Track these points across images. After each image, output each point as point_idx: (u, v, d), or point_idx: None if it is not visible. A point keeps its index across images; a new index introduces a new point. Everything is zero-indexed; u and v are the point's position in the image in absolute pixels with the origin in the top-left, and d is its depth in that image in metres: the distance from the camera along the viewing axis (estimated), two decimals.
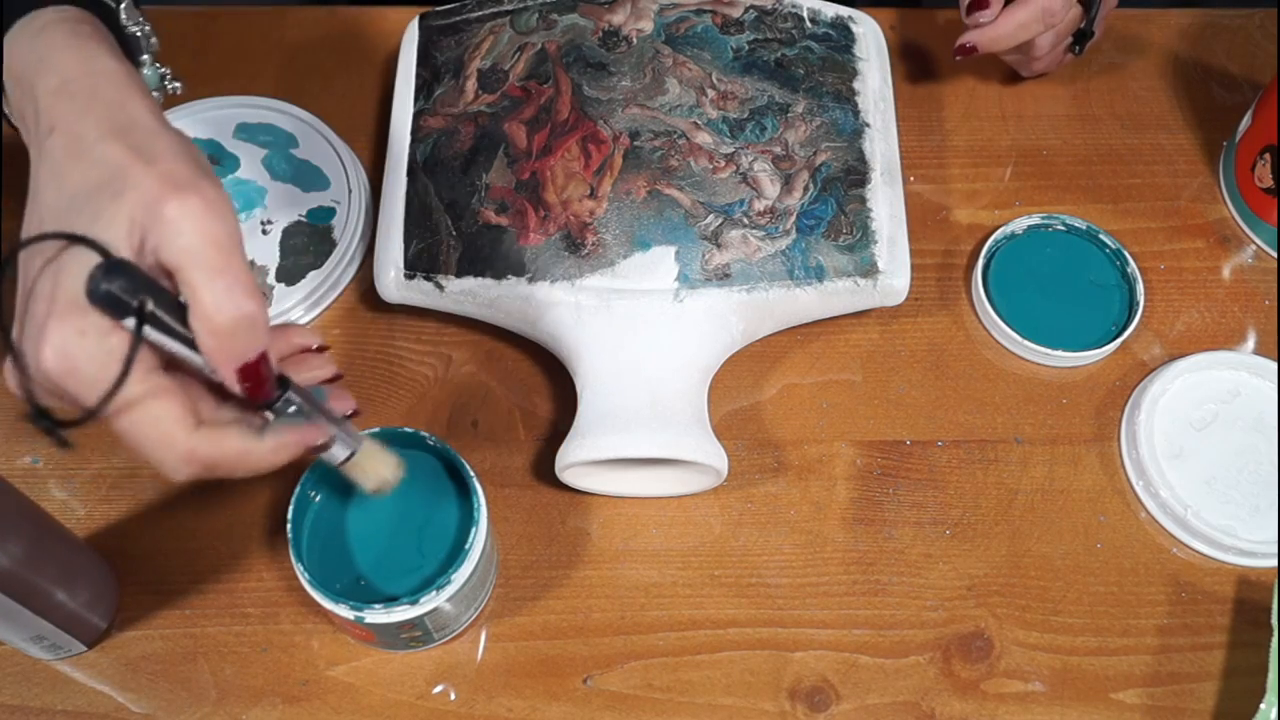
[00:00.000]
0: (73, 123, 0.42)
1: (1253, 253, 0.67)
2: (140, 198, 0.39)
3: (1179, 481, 0.59)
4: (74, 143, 0.42)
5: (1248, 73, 0.74)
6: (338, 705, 0.54)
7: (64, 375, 0.38)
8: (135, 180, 0.40)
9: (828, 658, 0.56)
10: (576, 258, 0.58)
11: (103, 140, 0.41)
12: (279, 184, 0.67)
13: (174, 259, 0.39)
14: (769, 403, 0.62)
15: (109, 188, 0.40)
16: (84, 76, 0.43)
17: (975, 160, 0.70)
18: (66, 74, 0.43)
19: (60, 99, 0.43)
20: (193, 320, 0.40)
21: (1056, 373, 0.63)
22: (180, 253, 0.39)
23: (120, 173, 0.40)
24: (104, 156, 0.41)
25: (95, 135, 0.42)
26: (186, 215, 0.39)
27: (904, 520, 0.59)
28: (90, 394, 0.38)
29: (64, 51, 0.44)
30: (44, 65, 0.44)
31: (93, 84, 0.43)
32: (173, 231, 0.39)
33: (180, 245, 0.39)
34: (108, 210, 0.40)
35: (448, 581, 0.50)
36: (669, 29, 0.64)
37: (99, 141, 0.41)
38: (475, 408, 0.62)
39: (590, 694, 0.55)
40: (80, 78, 0.43)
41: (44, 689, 0.55)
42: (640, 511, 0.59)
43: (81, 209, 0.40)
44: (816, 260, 0.59)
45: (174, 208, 0.39)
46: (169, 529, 0.58)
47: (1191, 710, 0.55)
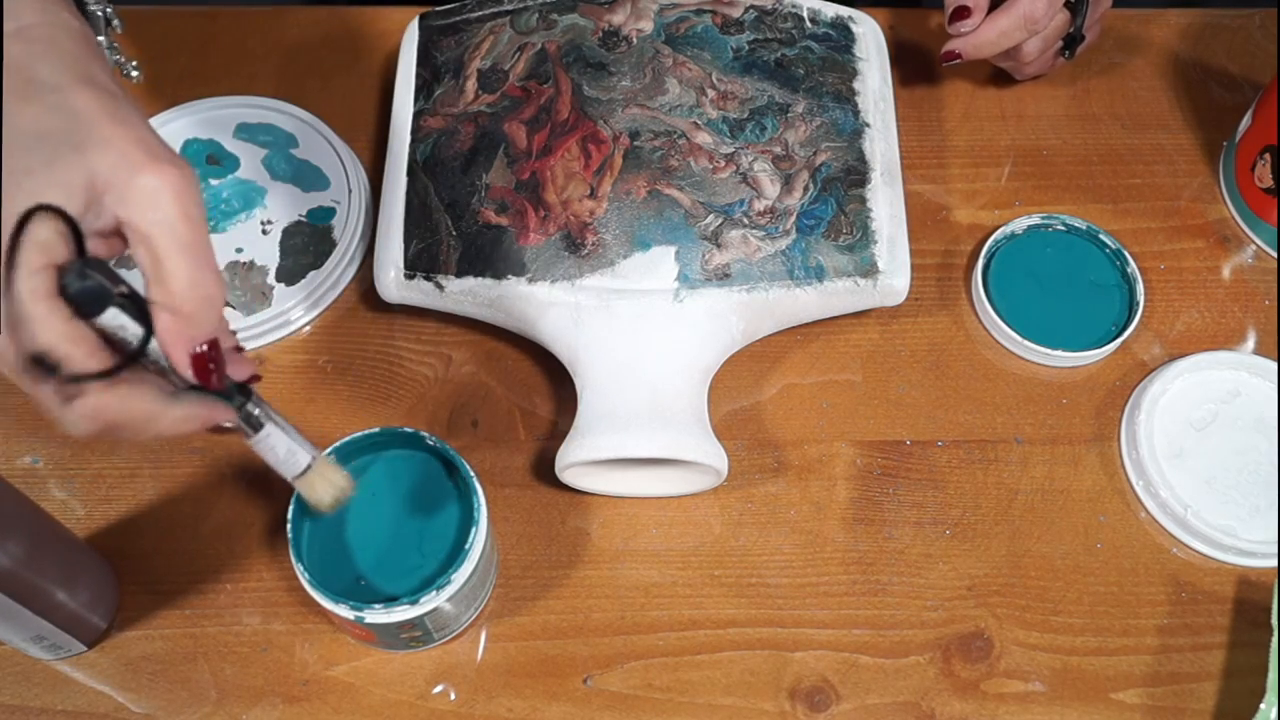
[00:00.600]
0: (27, 65, 0.41)
1: (1253, 253, 0.67)
2: (111, 158, 0.39)
3: (1179, 481, 0.59)
4: (27, 85, 0.40)
5: (1248, 73, 0.74)
6: (338, 705, 0.54)
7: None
8: (105, 137, 0.39)
9: (828, 658, 0.56)
10: (576, 258, 0.58)
11: (66, 88, 0.40)
12: (279, 184, 0.67)
13: (145, 229, 0.39)
14: (769, 403, 0.62)
15: (69, 137, 0.39)
16: (43, 25, 0.42)
17: (975, 160, 0.70)
18: (24, 20, 0.42)
19: (15, 42, 0.41)
20: (156, 295, 0.39)
21: (1056, 373, 0.63)
22: (154, 225, 0.39)
23: (86, 125, 0.39)
24: (66, 104, 0.40)
25: (55, 81, 0.40)
26: (164, 188, 0.39)
27: (904, 520, 0.59)
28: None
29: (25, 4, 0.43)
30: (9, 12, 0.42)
31: (52, 34, 0.42)
32: (148, 202, 0.39)
33: (155, 218, 0.39)
34: (65, 159, 0.39)
35: (448, 581, 0.50)
36: (669, 29, 0.64)
37: (61, 89, 0.40)
38: (475, 408, 0.62)
39: (590, 694, 0.55)
40: (39, 25, 0.42)
41: (44, 689, 0.55)
42: (640, 511, 0.59)
43: (30, 150, 0.39)
44: (816, 260, 0.59)
45: (151, 178, 0.39)
46: (169, 529, 0.58)
47: (1191, 710, 0.55)
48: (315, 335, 0.64)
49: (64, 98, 0.40)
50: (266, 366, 0.63)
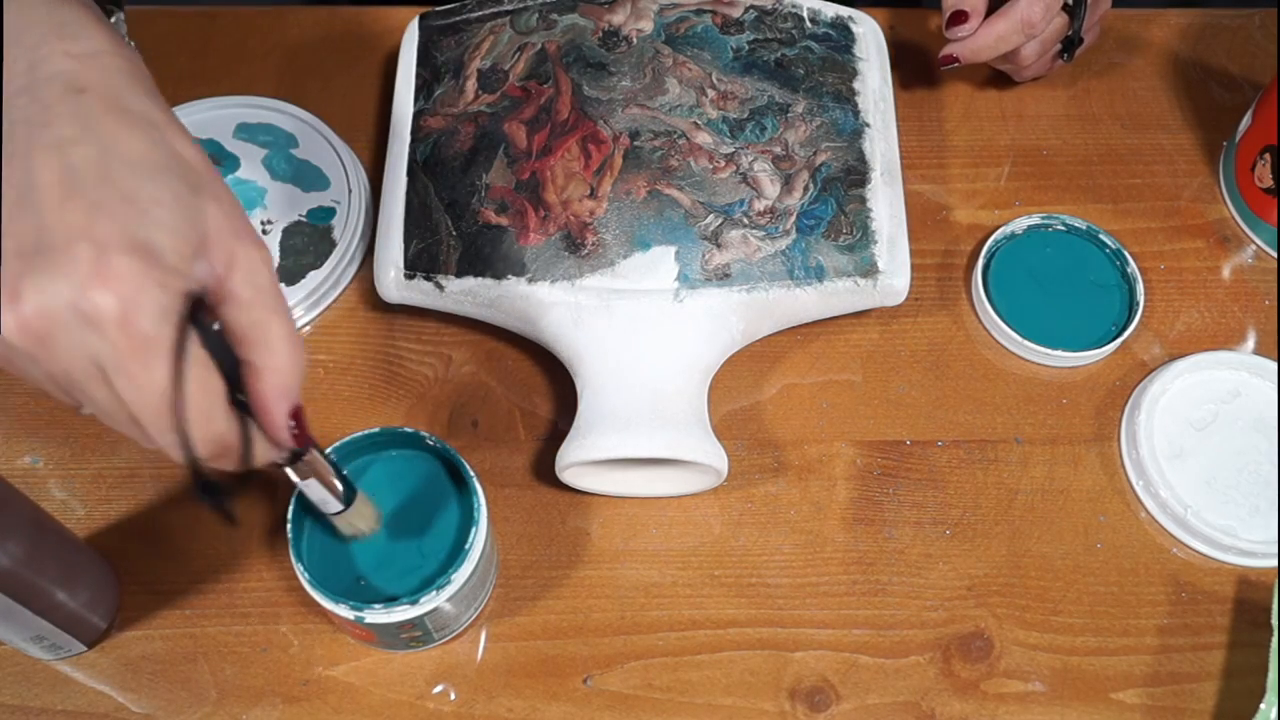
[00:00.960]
0: (115, 93, 0.39)
1: (1253, 253, 0.67)
2: (221, 216, 0.39)
3: (1179, 481, 0.59)
4: (123, 112, 0.39)
5: (1248, 73, 0.74)
6: (338, 705, 0.54)
7: None
8: (216, 193, 0.39)
9: (828, 658, 0.56)
10: (576, 258, 0.58)
11: (163, 127, 0.39)
12: (279, 184, 0.67)
13: (249, 295, 0.39)
14: (769, 403, 0.62)
15: (186, 179, 0.39)
16: (117, 55, 0.41)
17: (975, 160, 0.70)
18: (97, 45, 0.40)
19: (90, 66, 0.39)
20: (258, 358, 0.40)
21: (1056, 373, 0.63)
22: (259, 290, 0.39)
23: (197, 173, 0.39)
24: (169, 144, 0.39)
25: (150, 117, 0.39)
26: (263, 258, 0.40)
27: (904, 520, 0.59)
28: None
29: (92, 25, 0.41)
30: (66, 30, 0.40)
31: (130, 66, 0.41)
32: (253, 268, 0.39)
33: (259, 283, 0.39)
34: (187, 201, 0.38)
35: (448, 581, 0.50)
36: (669, 29, 0.64)
37: (158, 126, 0.39)
38: (475, 408, 0.62)
39: (590, 694, 0.55)
40: (110, 54, 0.40)
41: (44, 689, 0.55)
42: (640, 511, 0.59)
43: (149, 179, 0.38)
44: (816, 260, 0.59)
45: (254, 247, 0.39)
46: (169, 529, 0.58)
47: (1191, 710, 0.55)
48: (315, 335, 0.64)
49: (164, 136, 0.39)
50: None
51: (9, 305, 0.36)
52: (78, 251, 0.36)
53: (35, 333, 0.36)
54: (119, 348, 0.36)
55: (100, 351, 0.36)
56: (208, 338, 0.38)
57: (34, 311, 0.35)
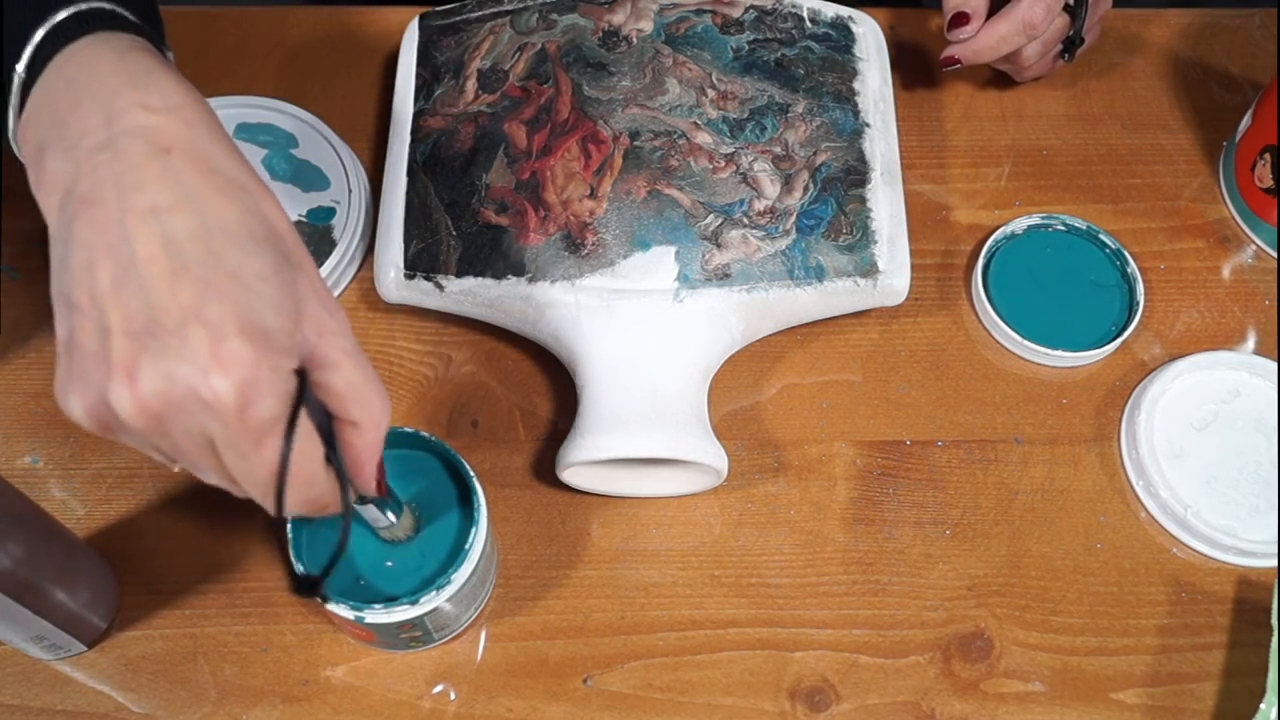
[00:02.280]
0: (202, 152, 0.39)
1: (1253, 253, 0.67)
2: (311, 286, 0.40)
3: (1179, 481, 0.59)
4: (213, 174, 0.38)
5: (1248, 73, 0.74)
6: (338, 705, 0.54)
7: None
8: (302, 260, 0.40)
9: (828, 658, 0.56)
10: (576, 258, 0.58)
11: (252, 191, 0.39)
12: (279, 184, 0.67)
13: (341, 359, 0.40)
14: (769, 403, 0.62)
15: (279, 249, 0.39)
16: (196, 108, 0.40)
17: (975, 160, 0.70)
18: (175, 99, 0.39)
19: (173, 120, 0.39)
20: (360, 416, 0.41)
21: (1056, 373, 0.63)
22: (347, 354, 0.40)
23: (286, 241, 0.39)
24: (260, 211, 0.39)
25: (238, 179, 0.39)
26: (344, 317, 0.41)
27: (904, 520, 0.59)
28: None
29: (165, 75, 0.40)
30: (139, 81, 0.40)
31: (208, 120, 0.40)
32: (340, 332, 0.40)
33: (346, 346, 0.40)
34: (286, 274, 0.38)
35: (448, 581, 0.50)
36: (669, 29, 0.64)
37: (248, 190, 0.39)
38: (475, 408, 0.62)
39: (590, 694, 0.55)
40: (190, 107, 0.40)
41: (44, 689, 0.55)
42: (640, 511, 0.59)
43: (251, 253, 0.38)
44: (816, 260, 0.59)
45: (337, 309, 0.40)
46: (169, 529, 0.58)
47: (1191, 710, 0.55)
48: None
49: (255, 202, 0.39)
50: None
51: (127, 386, 0.36)
52: (192, 335, 0.36)
53: (151, 413, 0.36)
54: (234, 430, 0.37)
55: (214, 431, 0.37)
56: (310, 407, 0.39)
57: (151, 394, 0.36)
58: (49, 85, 0.41)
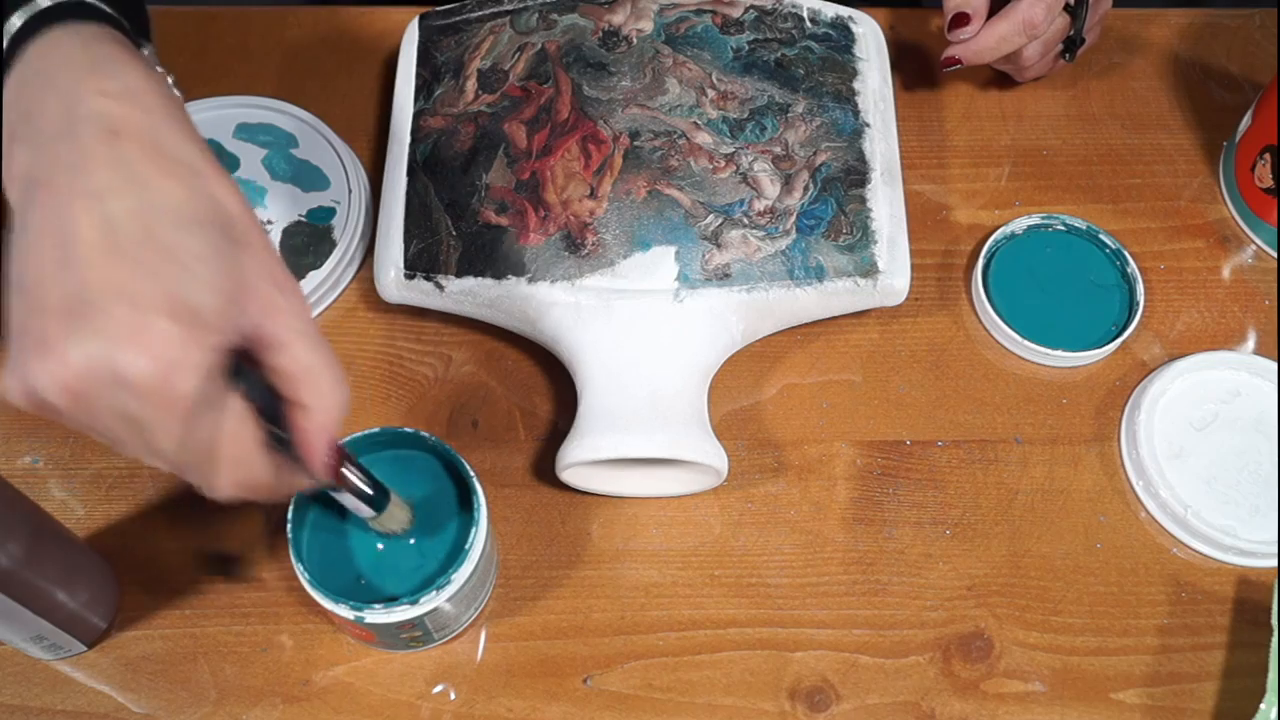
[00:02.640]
0: (151, 134, 0.39)
1: (1253, 253, 0.67)
2: (259, 265, 0.39)
3: (1179, 481, 0.59)
4: (160, 157, 0.38)
5: (1248, 73, 0.74)
6: (338, 705, 0.54)
7: None
8: (254, 241, 0.39)
9: (828, 658, 0.56)
10: (576, 258, 0.58)
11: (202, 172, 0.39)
12: (279, 184, 0.67)
13: (291, 339, 0.39)
14: (769, 403, 0.62)
15: (223, 229, 0.39)
16: (153, 93, 0.40)
17: (975, 160, 0.70)
18: (131, 83, 0.40)
19: (129, 105, 0.39)
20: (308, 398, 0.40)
21: (1056, 373, 0.63)
22: (299, 335, 0.40)
23: (235, 221, 0.39)
24: (208, 191, 0.39)
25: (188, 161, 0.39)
26: (301, 301, 0.40)
27: (904, 520, 0.59)
28: None
29: (126, 62, 0.40)
30: (100, 68, 0.40)
31: (166, 104, 0.40)
32: (292, 313, 0.39)
33: (299, 328, 0.40)
34: (227, 254, 0.38)
35: (448, 581, 0.50)
36: (669, 29, 0.64)
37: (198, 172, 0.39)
38: (475, 408, 0.62)
39: (590, 694, 0.55)
40: (148, 92, 0.40)
41: (44, 689, 0.55)
42: (640, 511, 0.59)
43: (189, 233, 0.38)
44: (816, 260, 0.59)
45: (293, 294, 0.40)
46: (169, 529, 0.58)
47: (1191, 710, 0.55)
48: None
49: (206, 183, 0.39)
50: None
51: (52, 364, 0.36)
52: (116, 312, 0.36)
53: (74, 392, 0.36)
54: (155, 408, 0.36)
55: (136, 411, 0.37)
56: (250, 387, 0.39)
57: (74, 372, 0.36)
58: (19, 76, 0.41)
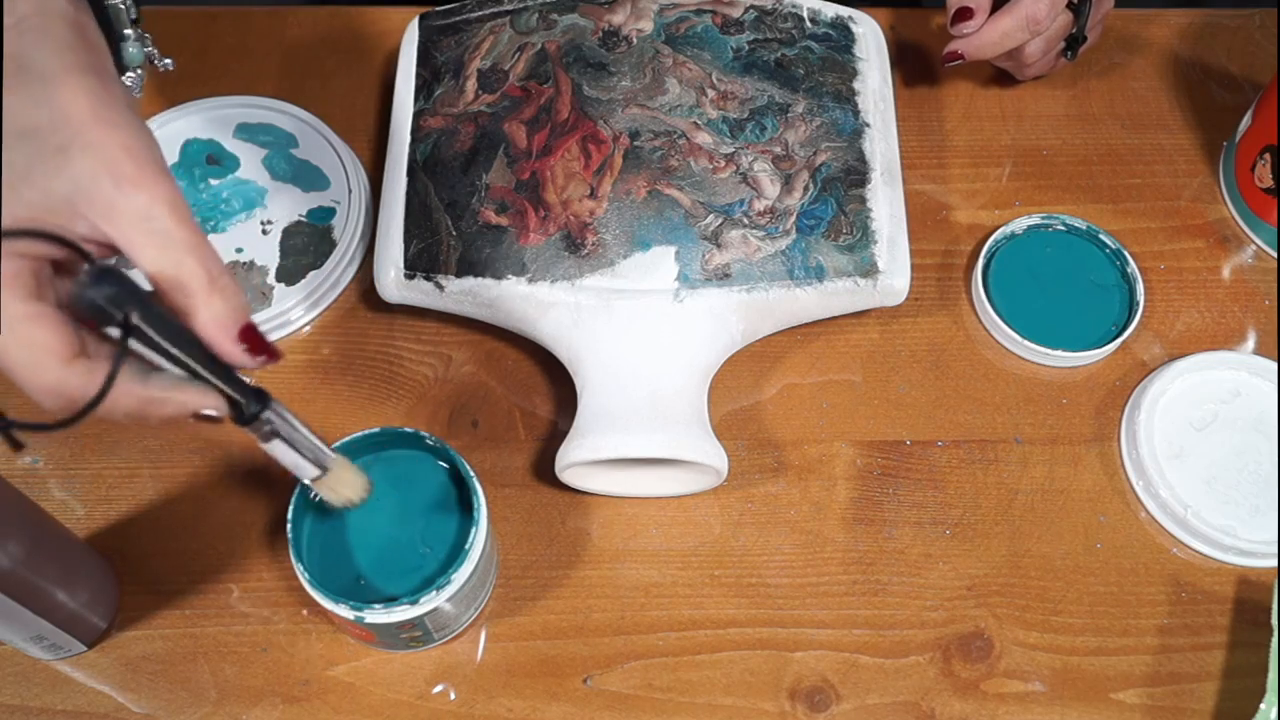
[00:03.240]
0: (19, 54, 0.39)
1: (1253, 253, 0.67)
2: (94, 166, 0.38)
3: (1179, 481, 0.59)
4: (16, 73, 0.39)
5: (1248, 73, 0.74)
6: (338, 705, 0.54)
7: None
8: (90, 141, 0.38)
9: (828, 658, 0.56)
10: (576, 258, 0.58)
11: (54, 79, 0.39)
12: (279, 184, 0.67)
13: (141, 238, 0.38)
14: (769, 403, 0.62)
15: (53, 137, 0.38)
16: (36, 15, 0.40)
17: (975, 160, 0.70)
18: (20, 12, 0.40)
19: (10, 34, 0.40)
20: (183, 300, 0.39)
21: (1056, 373, 0.63)
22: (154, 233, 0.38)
23: (72, 125, 0.38)
24: (53, 99, 0.39)
25: (46, 71, 0.39)
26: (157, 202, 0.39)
27: (904, 520, 0.59)
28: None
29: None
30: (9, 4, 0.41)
31: (44, 22, 0.40)
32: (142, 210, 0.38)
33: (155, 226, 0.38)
34: (47, 163, 0.38)
35: (448, 581, 0.50)
36: (669, 29, 0.64)
37: (50, 79, 0.39)
38: (475, 408, 0.62)
39: (590, 694, 0.55)
40: (32, 15, 0.40)
41: (44, 689, 0.55)
42: (640, 511, 0.59)
43: (15, 146, 0.38)
44: (816, 260, 0.59)
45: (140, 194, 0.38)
46: (169, 529, 0.58)
47: (1191, 710, 0.55)
48: (315, 335, 0.64)
49: (52, 91, 0.39)
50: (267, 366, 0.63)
51: None
52: None
53: None
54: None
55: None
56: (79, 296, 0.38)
57: None
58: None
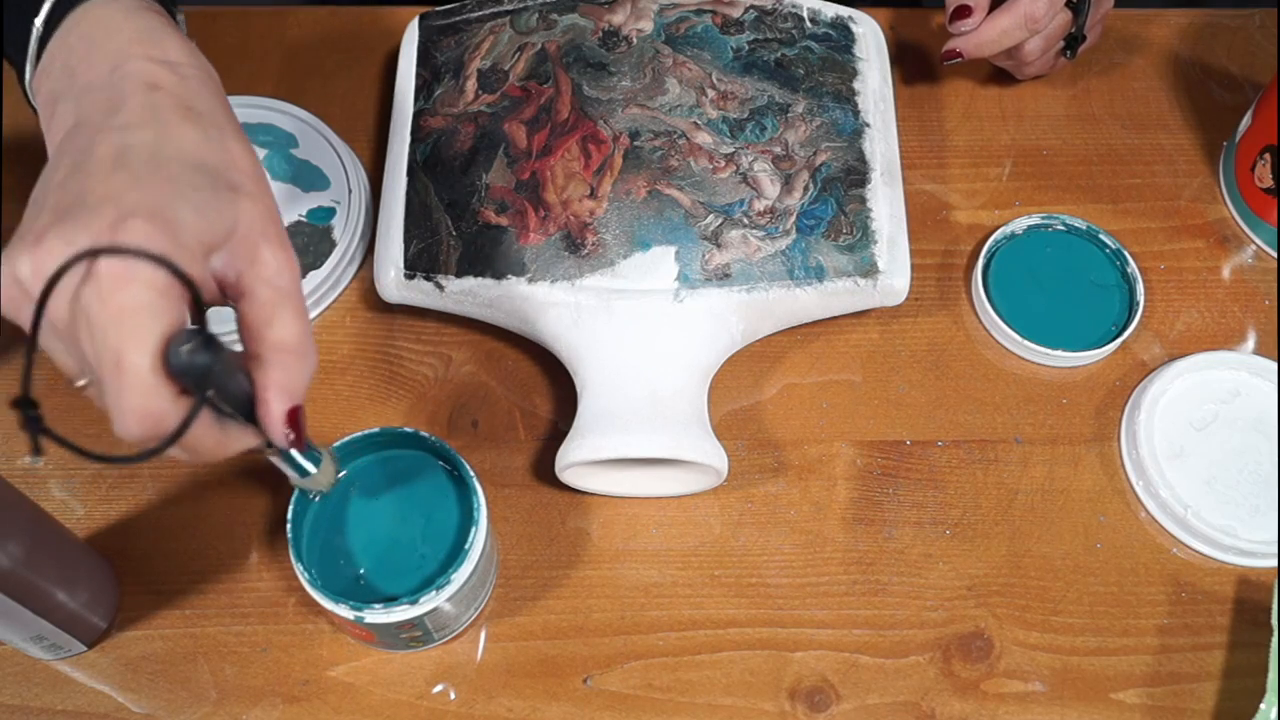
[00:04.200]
0: (184, 95, 0.42)
1: (1253, 253, 0.67)
2: (256, 215, 0.41)
3: (1179, 481, 0.59)
4: (188, 111, 0.42)
5: (1248, 73, 0.74)
6: (338, 705, 0.54)
7: None
8: (255, 193, 0.41)
9: (828, 658, 0.56)
10: (576, 258, 0.58)
11: (224, 129, 0.42)
12: (279, 184, 0.67)
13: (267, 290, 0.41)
14: (769, 403, 0.62)
15: (227, 176, 0.41)
16: (194, 66, 0.44)
17: (975, 160, 0.70)
18: (176, 56, 0.44)
19: (167, 71, 0.43)
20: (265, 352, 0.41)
21: (1056, 373, 0.63)
22: (277, 289, 0.41)
23: (241, 173, 0.42)
24: (225, 144, 0.42)
25: (213, 118, 0.42)
26: (289, 265, 0.41)
27: (904, 520, 0.59)
28: None
29: (171, 36, 0.44)
30: (144, 37, 0.44)
31: (202, 75, 0.44)
32: (275, 269, 0.41)
33: (279, 284, 0.41)
34: (222, 195, 0.40)
35: (448, 581, 0.50)
36: (669, 29, 0.64)
37: (220, 128, 0.42)
38: (475, 408, 0.62)
39: (590, 694, 0.55)
40: (189, 65, 0.44)
41: (44, 689, 0.55)
42: (640, 511, 0.59)
43: (194, 170, 0.40)
44: (816, 260, 0.59)
45: (282, 253, 0.41)
46: (169, 529, 0.58)
47: (1191, 710, 0.55)
48: (315, 335, 0.64)
49: (224, 138, 0.42)
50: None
51: (32, 250, 0.37)
52: (103, 211, 0.38)
53: (43, 275, 0.37)
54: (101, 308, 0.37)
55: (89, 308, 0.37)
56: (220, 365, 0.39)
57: (48, 256, 0.37)
58: (63, 41, 0.45)
